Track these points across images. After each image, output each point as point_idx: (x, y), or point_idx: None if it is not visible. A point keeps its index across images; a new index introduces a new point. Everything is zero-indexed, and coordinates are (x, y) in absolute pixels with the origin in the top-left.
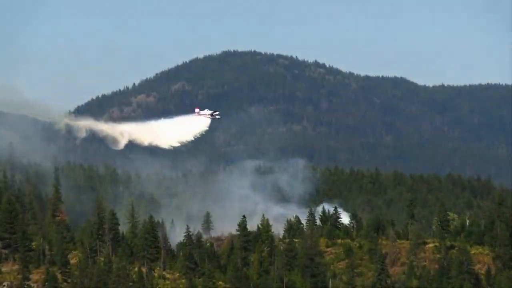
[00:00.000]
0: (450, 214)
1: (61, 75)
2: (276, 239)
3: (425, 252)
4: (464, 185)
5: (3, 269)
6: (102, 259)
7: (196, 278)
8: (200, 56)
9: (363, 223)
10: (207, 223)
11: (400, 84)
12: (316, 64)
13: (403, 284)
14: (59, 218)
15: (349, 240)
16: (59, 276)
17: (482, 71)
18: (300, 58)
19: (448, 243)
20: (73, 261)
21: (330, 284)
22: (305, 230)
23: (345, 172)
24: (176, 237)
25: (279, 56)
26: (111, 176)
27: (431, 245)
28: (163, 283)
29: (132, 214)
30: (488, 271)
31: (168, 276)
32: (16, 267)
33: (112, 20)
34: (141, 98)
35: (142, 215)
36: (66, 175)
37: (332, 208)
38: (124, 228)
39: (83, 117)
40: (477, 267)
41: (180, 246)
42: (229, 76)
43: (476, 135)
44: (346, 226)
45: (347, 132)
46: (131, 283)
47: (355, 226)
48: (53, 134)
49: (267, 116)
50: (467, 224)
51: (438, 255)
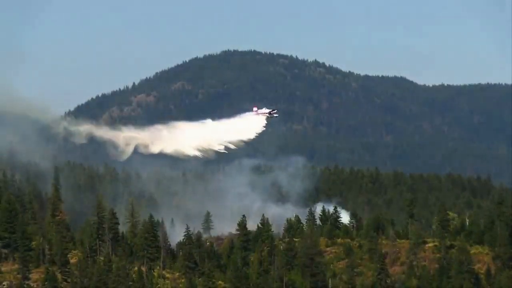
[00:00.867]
0: (450, 213)
1: (61, 74)
2: (276, 238)
3: (425, 252)
4: (464, 185)
5: (3, 268)
6: (102, 258)
7: (196, 278)
8: (200, 55)
9: (363, 222)
10: (207, 223)
11: (400, 84)
12: (316, 64)
13: (403, 284)
14: (59, 217)
15: (349, 240)
16: (59, 275)
17: (482, 71)
18: (300, 58)
19: (448, 243)
20: (73, 260)
21: (330, 284)
22: (305, 229)
23: (345, 172)
24: (176, 236)
25: (279, 56)
26: (111, 175)
27: (431, 244)
28: (163, 283)
29: (132, 214)
30: (488, 271)
31: (168, 275)
32: (16, 266)
33: (112, 20)
34: (141, 97)
35: (142, 215)
36: (66, 174)
37: (332, 208)
38: (124, 227)
39: (83, 121)
40: (477, 266)
41: (180, 245)
42: (229, 76)
43: (476, 135)
44: (346, 226)
45: (347, 132)
46: (131, 283)
47: (355, 226)
48: (53, 134)
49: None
50: (467, 223)
51: (438, 255)
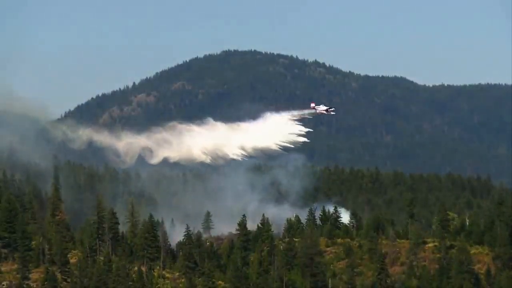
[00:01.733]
0: (450, 213)
1: (61, 74)
2: (276, 238)
3: (425, 252)
4: (464, 184)
5: (3, 268)
6: (102, 258)
7: (196, 278)
8: (201, 55)
9: (363, 222)
10: (207, 223)
11: (400, 84)
12: (316, 64)
13: (403, 284)
14: (58, 217)
15: (349, 240)
16: (59, 275)
17: (482, 71)
18: (300, 58)
19: (448, 243)
20: (72, 260)
21: (330, 284)
22: (305, 229)
23: (345, 172)
24: (176, 236)
25: (279, 56)
26: (111, 175)
27: (431, 244)
28: (163, 283)
29: (132, 214)
30: (488, 271)
31: (168, 275)
32: (16, 266)
33: (112, 20)
34: (141, 97)
35: (142, 215)
36: (66, 174)
37: (332, 207)
38: (124, 227)
39: (82, 124)
40: (477, 266)
41: (180, 245)
42: (229, 76)
43: (476, 135)
44: (346, 226)
45: (347, 131)
46: (130, 283)
47: (355, 226)
48: (52, 137)
49: None
50: (467, 223)
51: (438, 255)
